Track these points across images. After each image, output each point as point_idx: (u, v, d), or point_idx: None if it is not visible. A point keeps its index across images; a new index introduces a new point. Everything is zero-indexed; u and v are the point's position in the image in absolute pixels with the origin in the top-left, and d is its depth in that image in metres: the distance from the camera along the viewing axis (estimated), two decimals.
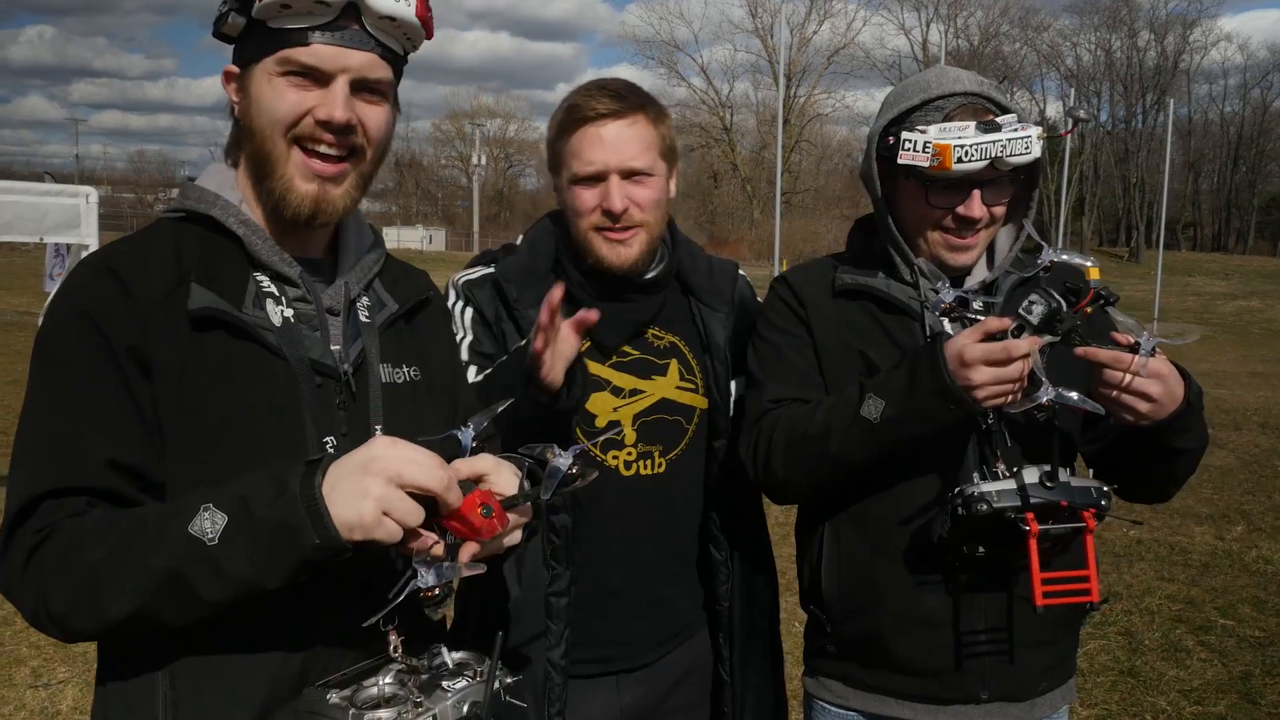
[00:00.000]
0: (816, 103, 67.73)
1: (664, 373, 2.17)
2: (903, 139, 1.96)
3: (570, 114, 2.03)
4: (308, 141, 1.47)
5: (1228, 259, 60.66)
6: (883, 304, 2.08)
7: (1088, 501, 1.83)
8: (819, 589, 2.14)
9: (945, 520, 1.89)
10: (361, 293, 1.60)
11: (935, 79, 2.02)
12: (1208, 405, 1.98)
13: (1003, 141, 1.89)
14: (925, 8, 67.44)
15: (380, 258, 1.66)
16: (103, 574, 1.28)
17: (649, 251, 2.09)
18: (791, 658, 5.34)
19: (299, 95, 1.45)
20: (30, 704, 4.55)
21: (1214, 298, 40.61)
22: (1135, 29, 68.73)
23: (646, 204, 2.04)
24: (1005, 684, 2.04)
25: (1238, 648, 5.43)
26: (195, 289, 1.41)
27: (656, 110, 2.08)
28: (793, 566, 2.32)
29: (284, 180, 1.48)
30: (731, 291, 2.26)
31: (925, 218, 2.02)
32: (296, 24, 1.42)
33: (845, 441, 1.93)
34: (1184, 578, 6.54)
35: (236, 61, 1.50)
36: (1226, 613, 5.93)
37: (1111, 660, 5.20)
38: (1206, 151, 76.03)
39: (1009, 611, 2.01)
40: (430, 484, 1.26)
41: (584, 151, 2.02)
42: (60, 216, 9.10)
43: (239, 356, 1.42)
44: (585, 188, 2.03)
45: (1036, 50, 68.07)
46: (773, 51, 63.89)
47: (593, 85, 2.06)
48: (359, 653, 1.46)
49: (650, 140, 2.05)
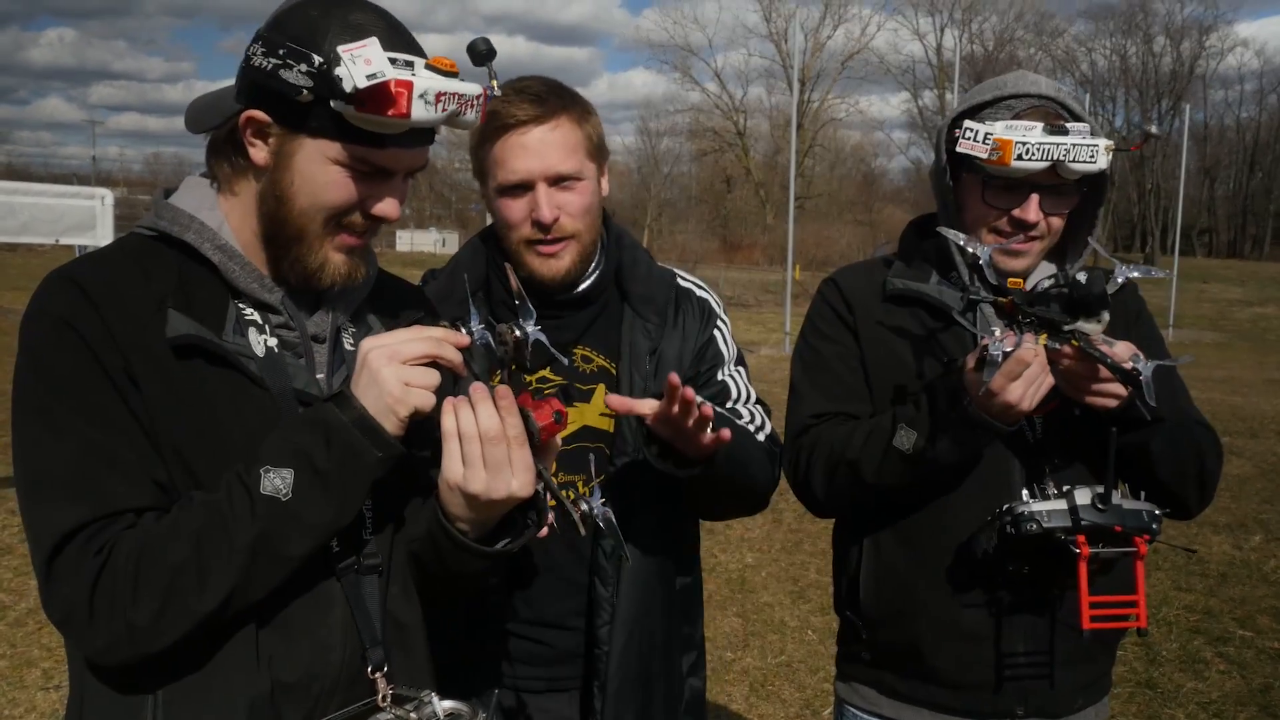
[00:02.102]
0: (830, 107, 67.64)
1: (588, 399, 2.05)
2: (964, 128, 1.92)
3: (490, 122, 1.92)
4: (350, 229, 1.45)
5: (1244, 265, 60.19)
6: (934, 311, 2.05)
7: (1140, 526, 1.80)
8: (856, 596, 2.11)
9: (992, 537, 1.87)
10: (348, 319, 1.56)
11: (1013, 79, 2.00)
12: (1224, 413, 1.96)
13: (1067, 146, 1.84)
14: (940, 13, 67.31)
15: (370, 281, 1.60)
16: (192, 569, 1.28)
17: (582, 260, 2.01)
18: (805, 667, 5.34)
19: (357, 189, 1.41)
20: (41, 706, 4.55)
21: (1230, 304, 40.31)
22: (1151, 34, 68.46)
23: (577, 211, 1.96)
24: (1042, 701, 2.03)
25: (1257, 659, 5.36)
26: (173, 315, 1.36)
27: (580, 109, 1.99)
28: (804, 573, 2.31)
29: (321, 254, 1.44)
30: (665, 300, 2.10)
31: (981, 216, 1.98)
32: (378, 130, 1.35)
33: (880, 471, 1.94)
34: (1202, 588, 6.47)
35: (278, 118, 1.37)
36: (1245, 624, 5.86)
37: (1129, 672, 5.14)
38: (1222, 157, 75.52)
39: (1051, 631, 1.99)
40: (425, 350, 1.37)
41: (508, 160, 1.94)
42: (76, 218, 9.16)
43: (220, 386, 1.38)
44: (512, 198, 1.96)
45: (1051, 56, 67.84)
46: (787, 56, 63.87)
47: (510, 89, 1.94)
48: (345, 695, 1.43)
49: (575, 142, 1.96)
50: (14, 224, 8.89)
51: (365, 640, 1.45)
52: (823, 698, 4.87)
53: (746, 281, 39.92)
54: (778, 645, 5.50)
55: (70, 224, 9.43)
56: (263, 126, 1.39)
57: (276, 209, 1.42)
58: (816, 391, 2.11)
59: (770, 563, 6.66)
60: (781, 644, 5.52)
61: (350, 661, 1.44)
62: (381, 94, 1.30)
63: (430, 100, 1.33)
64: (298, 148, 1.38)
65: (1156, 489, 1.91)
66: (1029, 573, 1.88)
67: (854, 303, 2.12)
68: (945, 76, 62.10)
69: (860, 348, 2.10)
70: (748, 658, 5.33)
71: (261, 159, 1.41)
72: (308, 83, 1.31)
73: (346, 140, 1.36)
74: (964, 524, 1.96)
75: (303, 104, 1.33)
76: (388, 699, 1.43)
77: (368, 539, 1.48)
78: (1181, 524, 7.72)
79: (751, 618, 5.85)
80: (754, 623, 5.77)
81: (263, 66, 1.34)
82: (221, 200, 1.48)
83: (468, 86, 1.39)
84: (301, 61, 1.31)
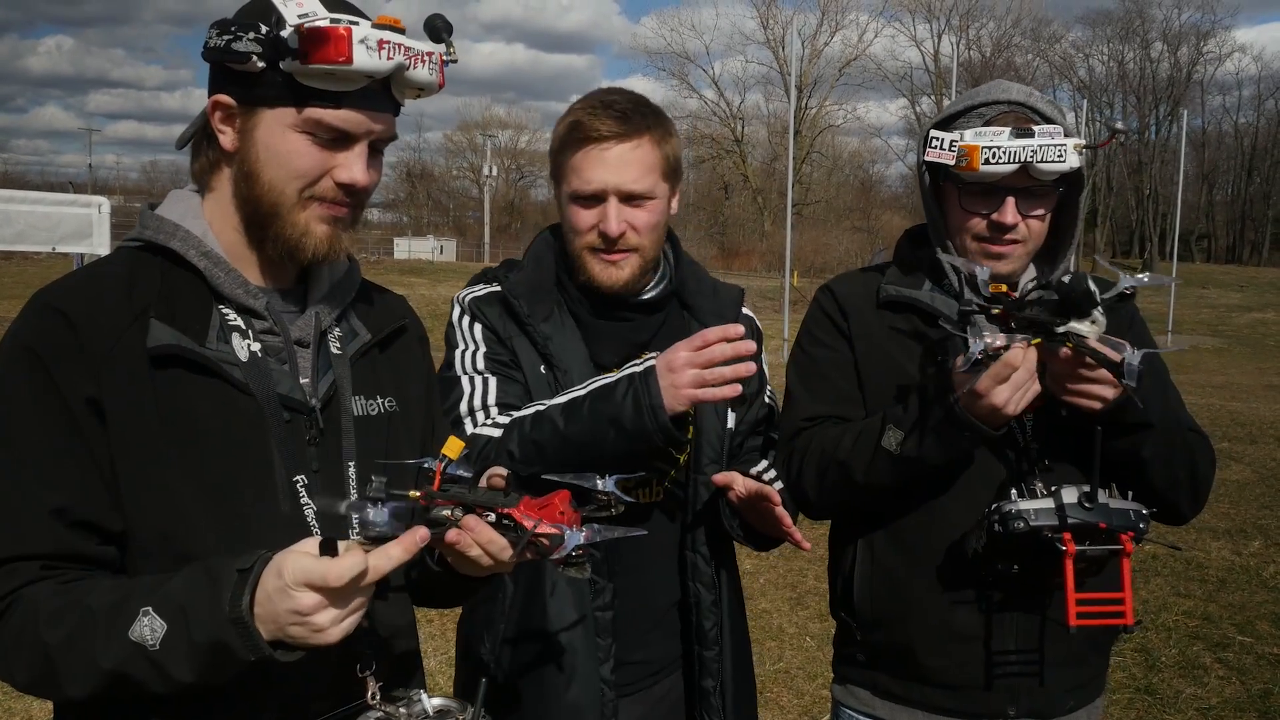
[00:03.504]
0: (828, 114, 67.92)
1: None
2: (930, 137, 1.95)
3: (573, 131, 2.00)
4: (323, 198, 1.45)
5: (1242, 271, 60.33)
6: (926, 317, 2.06)
7: (1126, 524, 1.82)
8: (850, 598, 2.13)
9: (981, 536, 1.89)
10: (333, 323, 1.56)
11: (986, 89, 2.03)
12: (1223, 418, 1.96)
13: (1034, 147, 1.86)
14: (937, 19, 67.56)
15: (354, 285, 1.61)
16: (58, 659, 1.27)
17: (642, 273, 2.07)
18: (804, 673, 5.31)
19: (320, 155, 1.42)
20: (37, 716, 4.53)
21: (1229, 310, 40.39)
22: (1149, 40, 68.68)
23: (644, 227, 2.02)
24: (1034, 701, 2.04)
25: (1256, 665, 5.35)
26: (155, 325, 1.37)
27: (662, 129, 2.04)
28: (803, 580, 2.31)
29: (299, 225, 1.44)
30: (735, 315, 2.20)
31: (960, 223, 2.00)
32: (329, 86, 1.39)
33: (869, 471, 1.96)
34: (1201, 594, 6.46)
35: (238, 98, 1.41)
36: (1244, 629, 5.85)
37: (1128, 678, 5.13)
38: (1220, 163, 75.78)
39: (1041, 630, 2.01)
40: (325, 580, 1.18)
41: (584, 170, 1.99)
42: (72, 226, 9.16)
43: (202, 394, 1.38)
44: (583, 207, 2.01)
45: (1049, 62, 68.07)
46: (784, 63, 64.11)
47: (597, 101, 2.01)
48: (335, 697, 1.43)
49: (653, 162, 2.01)
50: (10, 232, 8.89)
51: (354, 642, 1.44)
52: (821, 704, 4.86)
53: (744, 288, 39.92)
54: (776, 652, 5.49)
55: (66, 232, 9.43)
56: (228, 110, 1.43)
57: (249, 189, 1.44)
58: (810, 396, 2.13)
59: (768, 569, 6.64)
60: (780, 651, 5.51)
61: (340, 663, 1.44)
62: (320, 37, 1.34)
63: (372, 45, 1.36)
64: (258, 122, 1.41)
65: (1149, 493, 1.93)
66: (1018, 572, 1.90)
67: (849, 309, 2.14)
68: (943, 83, 62.28)
69: (855, 354, 2.12)
70: None
71: (229, 143, 1.44)
72: (256, 48, 1.36)
73: (301, 103, 1.39)
74: (955, 525, 1.97)
75: (255, 74, 1.38)
76: (377, 697, 1.44)
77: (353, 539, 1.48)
78: (1179, 529, 7.73)
79: (750, 625, 5.82)
80: (752, 629, 5.70)
81: (217, 45, 1.39)
82: (205, 207, 1.50)
83: (417, 42, 1.42)
84: (249, 31, 1.36)
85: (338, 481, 1.47)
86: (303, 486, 1.43)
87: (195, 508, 1.35)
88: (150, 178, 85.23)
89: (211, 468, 1.36)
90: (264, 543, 1.35)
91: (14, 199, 9.25)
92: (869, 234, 58.54)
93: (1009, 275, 2.02)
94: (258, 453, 1.40)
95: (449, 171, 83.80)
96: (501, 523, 1.33)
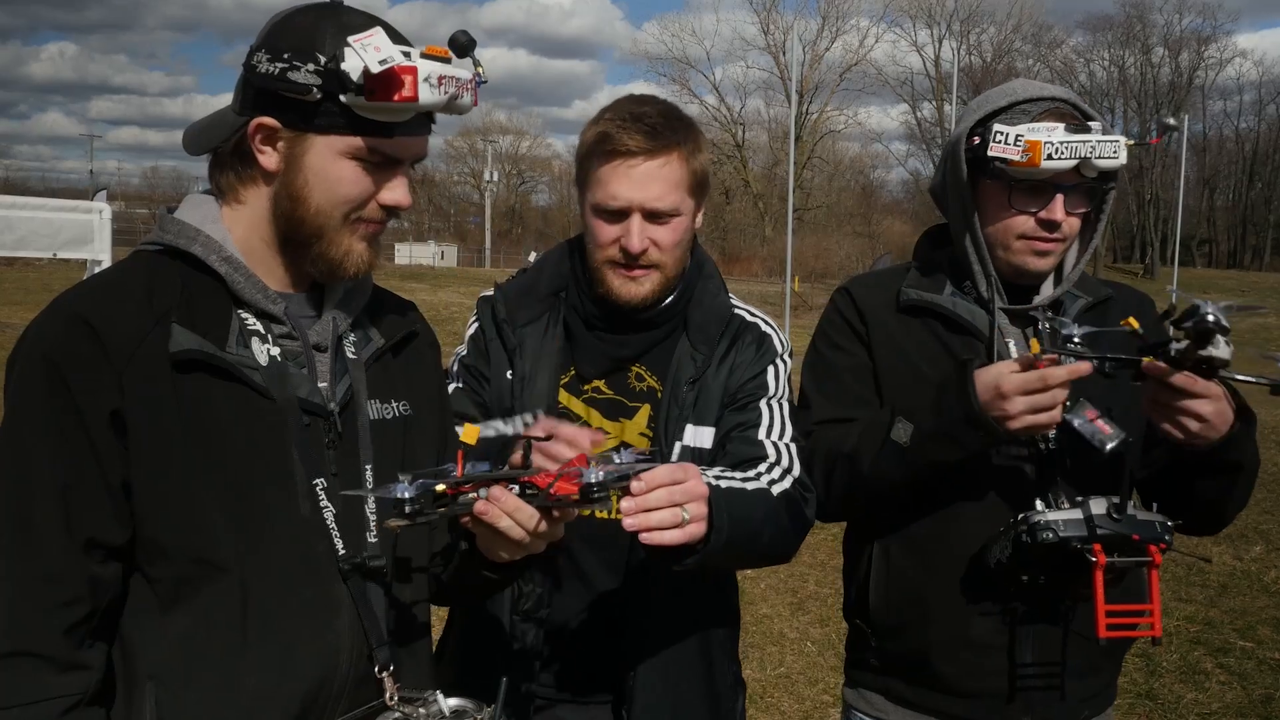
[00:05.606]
0: (829, 119, 67.85)
1: (632, 416, 2.07)
2: (994, 132, 1.91)
3: (601, 143, 1.94)
4: (368, 220, 1.49)
5: (1244, 276, 60.26)
6: (948, 322, 2.05)
7: (1154, 536, 1.81)
8: (865, 603, 2.11)
9: (1006, 546, 1.87)
10: (348, 328, 1.57)
11: (1022, 85, 2.00)
12: None
13: (1092, 143, 1.86)
14: (938, 25, 67.59)
15: (367, 291, 1.63)
16: None
17: (662, 289, 2.03)
18: (804, 678, 5.30)
19: (368, 180, 1.46)
20: None
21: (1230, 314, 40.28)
22: (1149, 45, 68.66)
23: (667, 244, 1.98)
24: (1049, 711, 2.02)
25: (1257, 670, 5.34)
26: (176, 330, 1.38)
27: (692, 144, 1.98)
28: (803, 585, 2.30)
29: (343, 246, 1.48)
30: (717, 332, 2.09)
31: (1009, 222, 1.97)
32: (386, 118, 1.41)
33: (877, 463, 1.94)
34: (1202, 599, 6.46)
35: (286, 123, 1.42)
36: (1246, 634, 5.85)
37: (1129, 683, 5.12)
38: (1221, 168, 75.74)
39: (1063, 641, 1.99)
40: None
41: (609, 184, 1.94)
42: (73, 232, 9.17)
43: (224, 398, 1.40)
44: (606, 221, 1.97)
45: (1050, 67, 67.93)
46: (785, 68, 64.16)
47: (627, 113, 1.94)
48: (354, 697, 1.45)
49: (680, 179, 1.96)
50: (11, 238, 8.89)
51: (372, 641, 1.48)
52: (822, 709, 4.85)
53: (745, 294, 39.63)
54: (776, 657, 5.49)
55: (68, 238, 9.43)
56: (272, 132, 1.42)
57: (292, 210, 1.45)
58: (823, 398, 2.11)
59: (769, 574, 6.61)
60: (780, 655, 5.50)
61: (358, 663, 1.46)
62: (390, 79, 1.36)
63: (434, 83, 1.40)
64: (308, 148, 1.42)
65: (1182, 511, 1.90)
66: (1044, 583, 1.87)
67: (866, 313, 2.12)
68: (944, 88, 62.32)
69: (872, 359, 2.09)
70: (746, 669, 5.27)
71: (272, 164, 1.44)
72: (316, 80, 1.37)
73: (357, 133, 1.41)
74: (974, 533, 1.95)
75: (310, 103, 1.38)
76: (395, 698, 1.45)
77: (372, 541, 1.50)
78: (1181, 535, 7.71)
79: (750, 629, 5.81)
80: (753, 634, 5.74)
81: (270, 72, 1.38)
82: (225, 213, 1.50)
83: (461, 70, 1.45)
84: (308, 61, 1.37)
85: (356, 485, 1.49)
86: (322, 489, 1.44)
87: (215, 510, 1.37)
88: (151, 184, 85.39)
89: (232, 470, 1.38)
90: (283, 545, 1.37)
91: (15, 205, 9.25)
92: (870, 239, 58.56)
93: (1045, 271, 2.01)
94: (278, 456, 1.42)
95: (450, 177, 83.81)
96: (526, 493, 1.39)
